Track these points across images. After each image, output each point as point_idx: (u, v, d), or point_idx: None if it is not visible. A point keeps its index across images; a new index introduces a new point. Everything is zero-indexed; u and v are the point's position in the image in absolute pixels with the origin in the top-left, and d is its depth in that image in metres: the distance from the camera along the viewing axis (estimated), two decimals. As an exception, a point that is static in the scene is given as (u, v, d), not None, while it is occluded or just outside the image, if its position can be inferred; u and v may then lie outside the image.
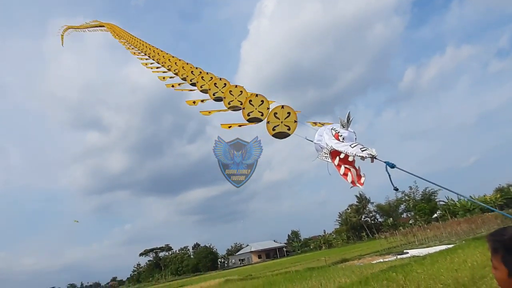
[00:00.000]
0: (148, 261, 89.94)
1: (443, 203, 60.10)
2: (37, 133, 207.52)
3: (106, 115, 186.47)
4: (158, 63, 8.76)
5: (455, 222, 33.89)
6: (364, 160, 2.64)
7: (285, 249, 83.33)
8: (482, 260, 10.30)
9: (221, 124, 4.85)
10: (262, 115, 4.08)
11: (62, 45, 23.03)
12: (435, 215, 54.96)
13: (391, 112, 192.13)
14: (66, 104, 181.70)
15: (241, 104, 4.34)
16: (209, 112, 5.06)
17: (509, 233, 1.39)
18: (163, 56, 8.64)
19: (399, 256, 20.48)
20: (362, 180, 2.90)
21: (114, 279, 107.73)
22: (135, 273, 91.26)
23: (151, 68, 9.10)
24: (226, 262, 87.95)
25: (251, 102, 4.19)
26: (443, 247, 20.48)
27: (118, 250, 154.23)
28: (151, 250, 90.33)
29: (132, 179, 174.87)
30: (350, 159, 2.82)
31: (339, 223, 74.76)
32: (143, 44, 11.72)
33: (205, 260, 79.79)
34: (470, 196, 60.62)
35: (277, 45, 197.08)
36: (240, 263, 78.04)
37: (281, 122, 3.88)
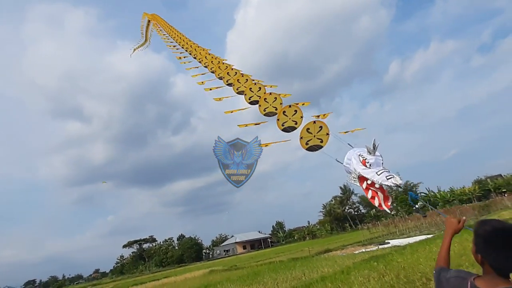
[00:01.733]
0: (132, 252, 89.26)
1: (424, 194, 61.65)
2: (16, 121, 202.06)
3: (88, 105, 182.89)
4: (196, 59, 8.81)
5: (435, 213, 34.78)
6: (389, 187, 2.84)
7: (269, 240, 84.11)
8: (459, 249, 10.63)
9: (261, 144, 5.16)
10: (296, 123, 4.35)
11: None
12: (416, 206, 56.30)
13: (376, 105, 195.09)
14: (45, 92, 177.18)
15: (276, 110, 4.59)
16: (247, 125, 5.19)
17: (490, 225, 1.65)
18: (200, 52, 8.69)
19: (380, 246, 20.93)
20: (389, 202, 3.07)
21: (96, 271, 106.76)
22: (119, 265, 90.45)
23: (190, 68, 9.07)
24: (211, 253, 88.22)
25: (285, 113, 4.46)
26: (423, 237, 21.05)
27: (101, 242, 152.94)
28: (135, 241, 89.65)
29: (115, 170, 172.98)
30: (377, 185, 2.96)
31: (323, 214, 75.87)
32: (181, 38, 11.45)
33: (190, 251, 79.81)
34: (450, 188, 62.47)
35: (263, 35, 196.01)
36: (225, 254, 78.38)
37: (314, 136, 4.13)
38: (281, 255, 31.59)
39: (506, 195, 48.12)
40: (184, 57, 9.81)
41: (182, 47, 10.46)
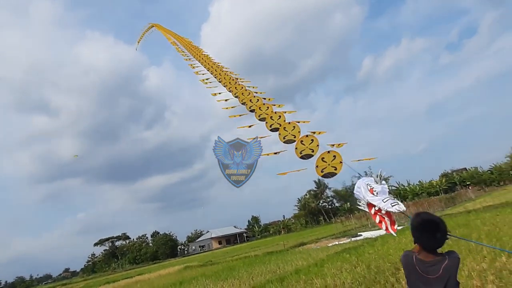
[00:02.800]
0: (104, 250, 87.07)
1: (395, 188, 63.80)
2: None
3: (55, 98, 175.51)
4: (220, 83, 8.83)
5: (404, 205, 36.03)
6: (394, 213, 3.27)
7: (245, 235, 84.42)
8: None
9: (278, 173, 5.88)
10: (312, 151, 4.79)
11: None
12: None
13: (350, 100, 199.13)
14: (9, 85, 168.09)
15: (294, 137, 5.04)
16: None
17: (420, 217, 2.45)
18: (225, 77, 8.80)
19: (353, 239, 21.43)
20: (396, 226, 3.48)
21: (66, 270, 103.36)
22: (90, 263, 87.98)
23: (214, 94, 8.97)
24: (186, 249, 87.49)
25: (302, 142, 4.92)
26: (393, 229, 21.71)
27: (71, 240, 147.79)
28: (107, 239, 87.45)
29: (85, 166, 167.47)
30: (383, 211, 3.34)
31: (298, 208, 76.89)
32: (209, 63, 11.16)
33: (164, 247, 78.81)
34: (419, 181, 64.96)
35: (238, 29, 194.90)
36: (201, 250, 77.99)
37: (328, 164, 4.54)
38: (256, 250, 31.76)
39: (470, 187, 50.60)
40: (208, 80, 9.63)
41: (208, 70, 10.25)
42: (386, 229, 3.46)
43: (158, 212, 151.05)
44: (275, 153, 5.78)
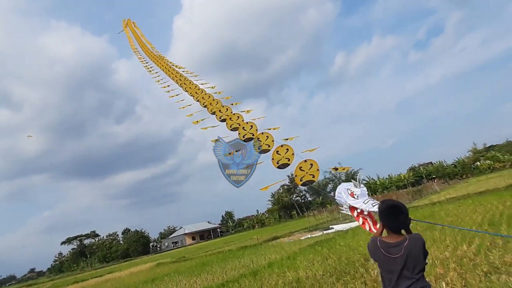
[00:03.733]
0: (72, 249, 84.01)
1: (365, 181, 65.68)
2: None
3: (18, 90, 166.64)
4: (186, 92, 8.80)
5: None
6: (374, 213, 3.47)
7: (219, 230, 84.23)
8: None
9: (261, 188, 5.69)
10: (289, 160, 4.94)
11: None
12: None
13: (322, 95, 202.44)
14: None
15: (269, 147, 5.18)
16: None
17: (385, 203, 2.71)
18: (190, 86, 8.72)
19: (325, 232, 21.86)
20: (377, 226, 3.52)
21: (32, 270, 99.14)
22: (57, 263, 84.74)
23: (177, 102, 9.04)
24: (158, 245, 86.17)
25: (278, 152, 5.04)
26: (363, 221, 22.34)
27: (36, 240, 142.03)
28: (75, 237, 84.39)
29: (50, 161, 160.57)
30: (365, 212, 3.55)
31: (272, 202, 77.52)
32: (166, 67, 11.06)
33: (136, 244, 77.20)
34: (389, 175, 67.23)
35: (211, 23, 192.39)
36: (174, 246, 77.09)
37: (306, 172, 4.71)
38: (230, 244, 31.77)
39: (435, 180, 53.03)
40: (174, 91, 9.52)
41: (170, 77, 10.13)
42: (370, 229, 3.64)
43: (130, 208, 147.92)
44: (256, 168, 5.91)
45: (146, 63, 12.35)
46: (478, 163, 59.92)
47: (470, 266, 5.95)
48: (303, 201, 75.29)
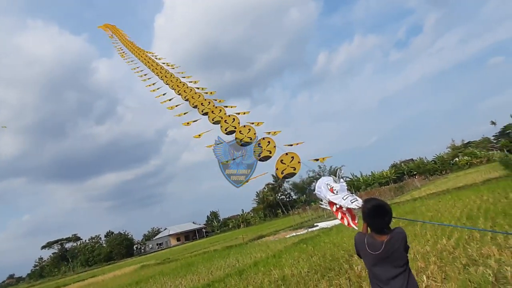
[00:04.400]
0: (53, 253, 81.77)
1: (349, 179, 66.56)
2: None
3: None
4: (169, 86, 8.58)
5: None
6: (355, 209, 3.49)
7: (204, 230, 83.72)
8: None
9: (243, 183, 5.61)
10: (270, 153, 4.95)
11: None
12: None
13: (306, 95, 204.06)
14: None
15: (251, 140, 5.20)
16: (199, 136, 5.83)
17: (370, 203, 2.69)
18: (173, 81, 8.58)
19: (310, 229, 22.03)
20: (356, 220, 3.65)
21: (11, 276, 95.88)
22: (37, 268, 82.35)
23: (158, 96, 8.78)
24: (143, 248, 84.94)
25: (259, 145, 5.05)
26: (347, 218, 22.63)
27: (15, 244, 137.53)
28: (56, 241, 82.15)
29: (29, 164, 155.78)
30: (344, 208, 3.56)
31: (257, 202, 77.59)
32: (149, 62, 10.76)
33: (119, 247, 75.77)
34: (372, 172, 68.34)
35: (193, 22, 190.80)
36: (158, 248, 76.16)
37: (287, 165, 4.72)
38: (215, 244, 31.65)
39: (416, 177, 54.23)
40: (156, 85, 9.32)
41: (156, 74, 9.93)
42: (348, 224, 3.64)
43: (113, 211, 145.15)
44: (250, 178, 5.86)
45: (131, 60, 12.09)
46: (457, 159, 61.60)
47: (449, 259, 6.13)
48: (288, 199, 75.67)
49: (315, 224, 25.35)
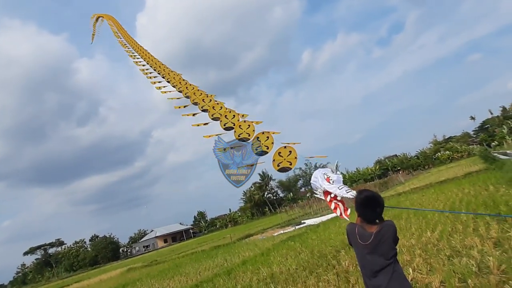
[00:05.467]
0: (36, 259, 79.68)
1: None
2: None
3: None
4: (169, 83, 8.47)
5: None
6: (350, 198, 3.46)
7: (191, 231, 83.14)
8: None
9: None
10: (267, 148, 4.92)
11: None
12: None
13: (291, 93, 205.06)
14: None
15: (249, 136, 5.14)
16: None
17: (363, 194, 2.69)
18: (174, 77, 8.48)
19: (297, 227, 22.14)
20: (348, 212, 3.74)
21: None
22: (19, 274, 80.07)
23: (159, 88, 8.62)
24: (129, 250, 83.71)
25: (258, 139, 5.01)
26: (334, 214, 22.80)
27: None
28: (39, 247, 79.99)
29: (7, 168, 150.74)
30: (339, 198, 3.66)
31: (244, 201, 77.55)
32: (149, 57, 10.56)
33: (105, 251, 74.50)
34: (357, 168, 69.21)
35: (176, 20, 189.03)
36: (145, 250, 75.19)
37: (284, 159, 4.73)
38: (203, 245, 31.46)
39: (400, 172, 55.16)
40: (159, 82, 9.13)
41: (155, 70, 9.74)
42: (341, 214, 3.74)
43: (97, 214, 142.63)
44: (232, 147, 5.81)
45: (132, 52, 11.84)
46: (439, 154, 63.03)
47: (434, 251, 6.24)
48: (275, 197, 75.89)
49: (302, 222, 25.49)
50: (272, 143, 4.86)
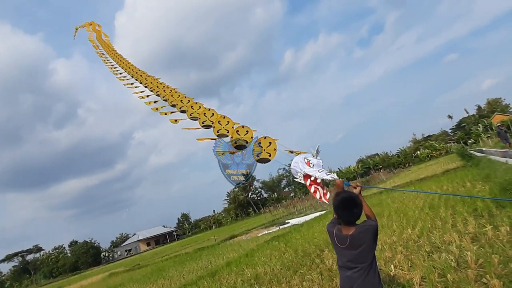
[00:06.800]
0: (13, 267, 77.05)
1: (317, 176, 67.76)
2: None
3: None
4: (146, 87, 8.19)
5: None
6: (329, 182, 3.64)
7: (175, 233, 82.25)
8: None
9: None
10: (246, 142, 4.90)
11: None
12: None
13: (274, 93, 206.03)
14: None
15: (228, 132, 5.10)
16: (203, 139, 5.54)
17: (339, 196, 2.68)
18: (151, 81, 8.23)
19: (281, 227, 22.19)
20: (327, 196, 3.80)
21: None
22: (-4, 283, 77.31)
23: (136, 93, 8.36)
24: (111, 255, 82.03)
25: (238, 132, 4.97)
26: (318, 214, 23.10)
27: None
28: (15, 254, 77.30)
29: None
30: (318, 181, 3.71)
31: (228, 202, 77.36)
32: (126, 64, 10.20)
33: (86, 256, 72.73)
34: (339, 168, 70.01)
35: (156, 20, 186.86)
36: (127, 254, 73.88)
37: (264, 150, 4.71)
38: (187, 247, 31.14)
39: (382, 170, 56.18)
40: (135, 86, 8.89)
41: (132, 77, 9.50)
42: (320, 197, 3.79)
43: (77, 218, 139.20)
44: (212, 139, 5.73)
45: (107, 60, 11.60)
46: (418, 152, 64.48)
47: (414, 248, 6.36)
48: (259, 198, 75.96)
49: (286, 221, 25.59)
50: (275, 149, 4.76)
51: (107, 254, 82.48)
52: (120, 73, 10.18)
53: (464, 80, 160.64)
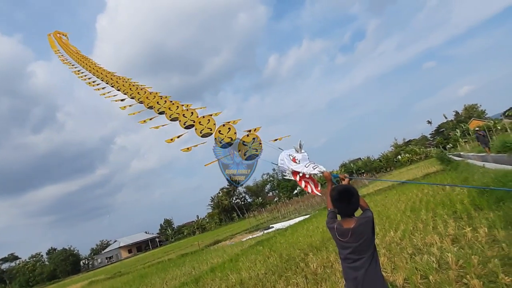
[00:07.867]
0: (-13, 277, 74.03)
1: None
2: None
3: None
4: (118, 90, 7.94)
5: (311, 196, 38.67)
6: (316, 175, 3.65)
7: (158, 240, 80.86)
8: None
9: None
10: (231, 140, 4.89)
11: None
12: (295, 191, 61.82)
13: (257, 98, 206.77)
14: None
15: (211, 130, 5.04)
16: (188, 149, 5.41)
17: (336, 190, 2.75)
18: (123, 84, 7.95)
19: (265, 231, 22.19)
20: (319, 188, 3.87)
21: None
22: (-31, 294, 74.00)
23: (108, 97, 8.16)
24: (90, 263, 79.83)
25: (220, 132, 4.93)
26: (302, 218, 23.19)
27: None
28: (-10, 263, 74.55)
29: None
30: (307, 175, 3.74)
31: (212, 207, 76.72)
32: (94, 68, 9.80)
33: (64, 264, 70.47)
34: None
35: (139, 24, 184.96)
36: (108, 261, 72.09)
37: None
38: (170, 253, 30.66)
39: (364, 174, 57.02)
40: (105, 89, 8.63)
41: (102, 80, 9.21)
42: (312, 191, 3.81)
43: (55, 225, 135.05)
44: (195, 146, 5.63)
45: (72, 65, 11.31)
46: (399, 157, 65.74)
47: (397, 250, 6.44)
48: (243, 203, 75.69)
49: (270, 226, 25.59)
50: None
51: (87, 262, 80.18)
52: (89, 78, 9.96)
53: (442, 87, 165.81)
